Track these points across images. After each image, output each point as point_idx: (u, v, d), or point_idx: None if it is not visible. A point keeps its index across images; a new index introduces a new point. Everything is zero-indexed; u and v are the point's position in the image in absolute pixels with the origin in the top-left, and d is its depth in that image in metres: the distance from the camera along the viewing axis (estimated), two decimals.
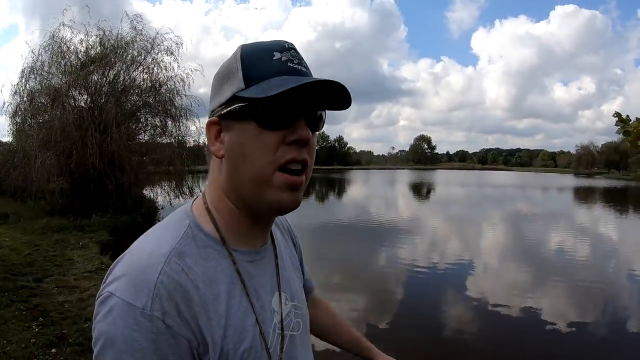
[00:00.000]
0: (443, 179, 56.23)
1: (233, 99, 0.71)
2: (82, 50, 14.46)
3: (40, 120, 13.94)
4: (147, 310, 0.61)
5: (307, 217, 17.70)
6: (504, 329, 5.81)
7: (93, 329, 0.64)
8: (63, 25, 14.13)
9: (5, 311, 4.82)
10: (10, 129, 14.52)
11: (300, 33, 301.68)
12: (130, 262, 0.66)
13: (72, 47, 14.37)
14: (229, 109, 0.72)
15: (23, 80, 14.03)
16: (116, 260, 0.69)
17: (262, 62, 0.71)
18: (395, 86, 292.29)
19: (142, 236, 0.72)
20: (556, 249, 11.42)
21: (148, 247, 0.68)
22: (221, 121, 0.74)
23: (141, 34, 14.99)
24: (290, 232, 1.02)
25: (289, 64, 0.71)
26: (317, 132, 0.77)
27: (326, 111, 0.78)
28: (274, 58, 0.71)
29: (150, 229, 0.74)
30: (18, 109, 14.04)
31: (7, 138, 15.38)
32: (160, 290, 0.62)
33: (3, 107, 14.19)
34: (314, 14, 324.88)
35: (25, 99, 13.96)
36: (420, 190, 36.27)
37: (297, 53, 0.74)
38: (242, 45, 0.75)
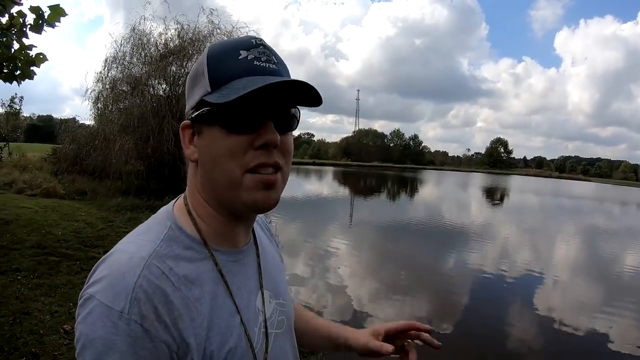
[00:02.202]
0: (518, 186, 53.59)
1: (201, 102, 0.71)
2: (162, 43, 15.18)
3: (121, 107, 14.74)
4: (125, 313, 0.60)
5: (377, 214, 17.60)
6: (566, 350, 5.45)
7: (75, 328, 0.64)
8: (144, 18, 15.00)
9: (75, 277, 5.16)
10: (93, 113, 15.51)
11: (380, 29, 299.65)
12: (111, 264, 0.66)
13: (152, 40, 15.17)
14: (197, 112, 0.71)
15: (106, 69, 14.99)
16: (99, 260, 0.68)
17: (228, 62, 0.69)
18: (474, 86, 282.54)
19: (126, 237, 0.72)
20: (632, 270, 10.53)
21: (129, 250, 0.67)
22: (193, 125, 0.73)
23: (218, 27, 15.44)
24: (269, 230, 1.00)
25: (255, 62, 0.69)
26: (292, 132, 0.75)
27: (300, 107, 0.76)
28: (239, 57, 0.69)
29: (134, 229, 0.74)
30: (100, 95, 14.99)
31: (89, 122, 16.46)
32: (139, 294, 0.62)
33: (87, 92, 15.24)
34: (393, 10, 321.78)
35: (107, 86, 14.90)
36: (494, 196, 35.02)
37: (266, 49, 0.72)
38: (210, 45, 0.74)
